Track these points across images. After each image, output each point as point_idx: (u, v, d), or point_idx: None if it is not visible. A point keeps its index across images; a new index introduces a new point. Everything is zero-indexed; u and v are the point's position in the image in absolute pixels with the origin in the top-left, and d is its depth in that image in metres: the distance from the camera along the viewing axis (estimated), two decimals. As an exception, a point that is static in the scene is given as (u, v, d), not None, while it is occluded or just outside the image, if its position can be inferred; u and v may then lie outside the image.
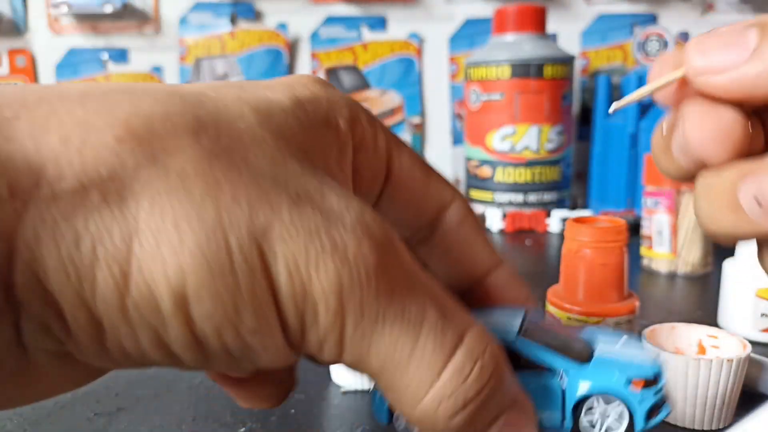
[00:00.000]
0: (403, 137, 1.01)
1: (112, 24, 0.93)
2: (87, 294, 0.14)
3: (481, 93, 0.80)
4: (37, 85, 0.16)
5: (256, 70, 0.94)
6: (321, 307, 0.15)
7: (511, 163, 0.80)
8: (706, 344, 0.37)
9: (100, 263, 0.14)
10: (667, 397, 0.21)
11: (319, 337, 0.16)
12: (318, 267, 0.15)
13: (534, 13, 0.78)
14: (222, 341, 0.15)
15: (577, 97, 0.93)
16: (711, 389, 0.33)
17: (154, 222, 0.14)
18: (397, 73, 0.95)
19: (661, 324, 0.38)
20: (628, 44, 0.93)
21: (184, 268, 0.14)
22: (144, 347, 0.15)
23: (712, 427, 0.34)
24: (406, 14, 0.94)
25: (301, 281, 0.15)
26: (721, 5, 0.92)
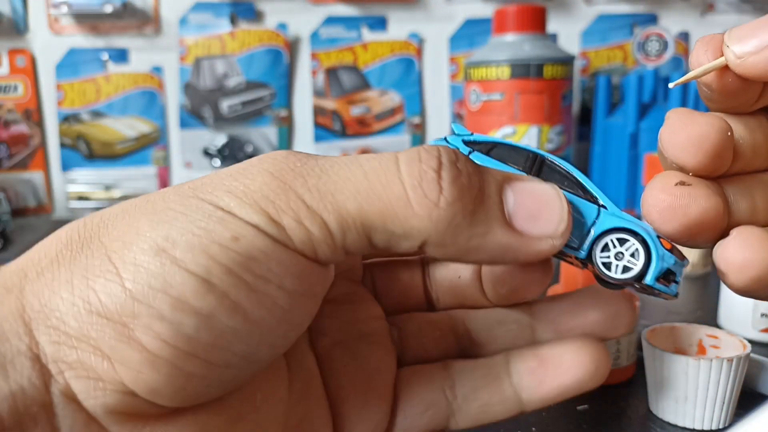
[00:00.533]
0: (403, 137, 1.01)
1: (112, 24, 0.93)
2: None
3: (481, 93, 0.80)
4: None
5: (256, 70, 0.94)
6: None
7: (511, 163, 0.80)
8: (706, 344, 0.37)
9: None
10: (675, 280, 0.21)
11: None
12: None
13: (534, 13, 0.78)
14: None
15: (577, 97, 0.93)
16: (711, 389, 0.33)
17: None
18: (397, 73, 0.95)
19: (661, 324, 0.38)
20: (628, 44, 0.93)
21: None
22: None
23: (712, 427, 0.34)
24: (406, 14, 0.94)
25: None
26: (721, 5, 0.92)
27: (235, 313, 0.18)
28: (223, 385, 0.20)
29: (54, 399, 0.17)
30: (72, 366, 0.17)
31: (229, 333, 0.18)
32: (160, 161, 0.96)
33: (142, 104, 0.95)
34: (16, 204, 0.95)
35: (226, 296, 0.18)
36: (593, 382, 0.24)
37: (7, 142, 0.94)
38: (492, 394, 0.25)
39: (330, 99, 0.95)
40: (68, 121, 0.95)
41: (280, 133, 0.96)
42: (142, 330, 0.17)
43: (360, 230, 0.19)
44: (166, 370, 0.18)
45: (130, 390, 0.18)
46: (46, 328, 0.18)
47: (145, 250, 0.18)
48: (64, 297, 0.18)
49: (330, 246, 0.19)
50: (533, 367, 0.25)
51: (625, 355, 0.39)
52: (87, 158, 0.95)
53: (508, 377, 0.25)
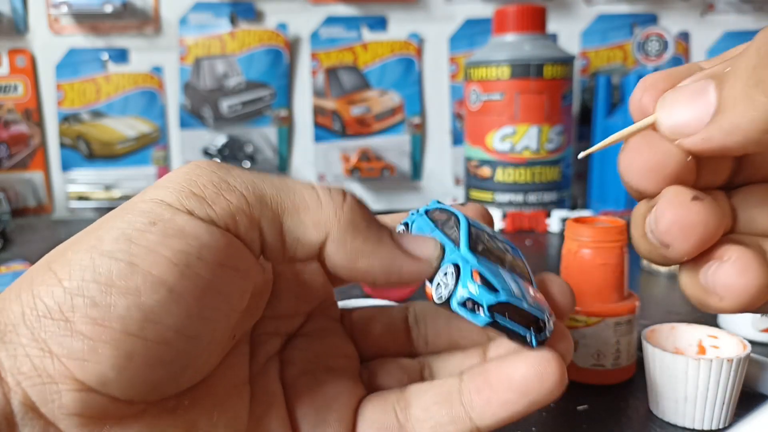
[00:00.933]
0: (403, 137, 1.01)
1: (112, 24, 0.93)
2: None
3: (481, 93, 0.80)
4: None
5: (256, 70, 0.94)
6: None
7: (511, 163, 0.80)
8: (706, 344, 0.37)
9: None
10: (484, 312, 0.23)
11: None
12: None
13: (534, 13, 0.78)
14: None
15: (577, 97, 0.93)
16: (711, 389, 0.33)
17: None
18: (397, 73, 0.95)
19: (661, 324, 0.38)
20: (628, 44, 0.93)
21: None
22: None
23: (712, 427, 0.34)
24: (406, 14, 0.94)
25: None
26: (721, 5, 0.92)
27: (160, 287, 0.20)
28: (169, 369, 0.21)
29: (14, 410, 0.19)
30: (27, 375, 0.19)
31: (157, 307, 0.20)
32: (160, 161, 0.96)
33: (142, 104, 0.95)
34: (16, 204, 0.95)
35: (149, 273, 0.20)
36: (545, 397, 0.23)
37: (7, 142, 0.94)
38: (443, 413, 0.25)
39: (330, 99, 0.95)
40: (68, 121, 0.95)
41: (280, 133, 0.96)
42: (81, 320, 0.19)
43: (275, 212, 0.22)
44: (108, 352, 0.19)
45: (83, 384, 0.19)
46: (3, 344, 0.19)
47: (78, 251, 0.20)
48: (15, 310, 0.20)
49: (248, 217, 0.22)
50: (480, 384, 0.25)
51: (625, 355, 0.39)
52: (87, 158, 0.96)
53: (459, 396, 0.25)
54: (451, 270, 0.24)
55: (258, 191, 0.22)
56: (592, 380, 0.39)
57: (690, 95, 0.19)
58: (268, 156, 0.96)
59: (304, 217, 0.22)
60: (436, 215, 0.28)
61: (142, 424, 0.21)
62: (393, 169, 0.96)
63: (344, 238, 0.23)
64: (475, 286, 0.23)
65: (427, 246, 0.24)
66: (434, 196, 0.98)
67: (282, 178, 0.23)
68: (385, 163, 0.95)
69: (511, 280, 0.24)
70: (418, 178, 0.98)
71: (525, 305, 0.24)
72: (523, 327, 0.24)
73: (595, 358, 0.38)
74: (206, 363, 0.23)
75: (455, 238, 0.25)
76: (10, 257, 0.70)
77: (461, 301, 0.23)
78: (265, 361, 0.27)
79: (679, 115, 0.19)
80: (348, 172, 0.95)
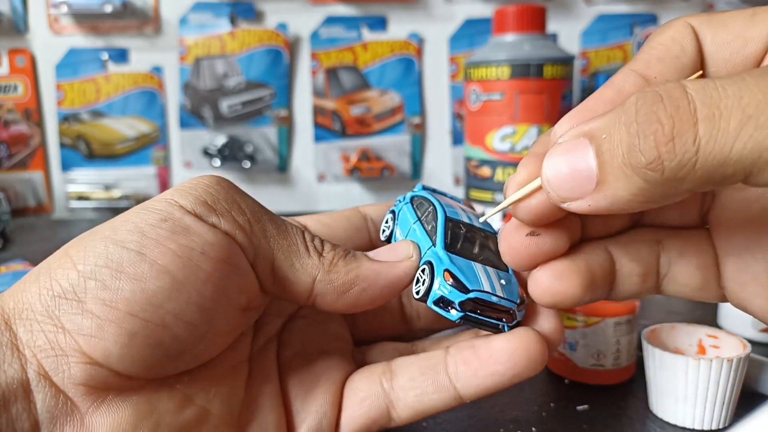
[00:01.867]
0: (403, 137, 1.01)
1: (112, 24, 0.93)
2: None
3: (481, 93, 0.80)
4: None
5: (256, 70, 0.94)
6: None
7: (511, 163, 0.80)
8: (706, 344, 0.37)
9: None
10: (456, 308, 0.25)
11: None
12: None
13: (534, 13, 0.78)
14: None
15: (577, 97, 0.93)
16: (711, 389, 0.33)
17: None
18: (397, 73, 0.95)
19: (661, 324, 0.38)
20: (628, 44, 0.93)
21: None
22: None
23: (712, 427, 0.34)
24: (406, 14, 0.94)
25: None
26: (721, 5, 0.92)
27: (164, 275, 0.22)
28: (168, 350, 0.23)
29: (30, 378, 0.21)
30: (42, 348, 0.21)
31: (159, 292, 0.22)
32: (160, 161, 0.96)
33: (142, 104, 0.95)
34: (16, 204, 0.95)
35: (156, 262, 0.22)
36: (529, 371, 0.26)
37: (7, 142, 0.94)
38: (428, 383, 0.27)
39: (330, 99, 0.95)
40: (68, 121, 0.95)
41: (280, 133, 0.96)
42: (92, 300, 0.21)
43: (271, 247, 0.25)
44: (112, 330, 0.21)
45: (89, 358, 0.21)
46: (21, 320, 0.22)
47: (95, 240, 0.23)
48: (32, 291, 0.22)
49: (247, 238, 0.24)
50: (468, 356, 0.26)
51: (625, 355, 0.39)
52: (87, 158, 0.96)
53: (444, 367, 0.27)
54: (427, 269, 0.26)
55: (262, 223, 0.25)
56: (592, 380, 0.39)
57: (571, 163, 0.21)
58: (268, 156, 0.96)
59: (294, 260, 0.25)
60: (419, 206, 0.30)
61: (141, 396, 0.23)
62: (393, 169, 0.96)
63: (330, 279, 0.25)
64: (447, 287, 0.25)
65: (403, 248, 0.27)
66: (434, 196, 0.98)
67: (284, 223, 0.26)
68: (385, 163, 0.95)
69: (483, 273, 0.26)
70: (418, 178, 0.98)
71: (494, 299, 0.26)
72: (494, 319, 0.26)
73: (595, 358, 0.38)
74: (204, 352, 0.24)
75: (432, 231, 0.27)
76: (10, 257, 0.70)
77: (434, 300, 0.26)
78: (265, 342, 0.29)
79: (563, 184, 0.21)
80: (348, 172, 0.95)
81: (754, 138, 0.17)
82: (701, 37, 0.24)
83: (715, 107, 0.18)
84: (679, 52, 0.23)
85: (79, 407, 0.22)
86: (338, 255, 0.26)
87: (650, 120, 0.18)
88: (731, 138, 0.17)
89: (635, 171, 0.19)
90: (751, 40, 0.23)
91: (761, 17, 0.22)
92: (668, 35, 0.24)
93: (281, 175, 0.98)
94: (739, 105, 0.17)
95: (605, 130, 0.20)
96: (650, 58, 0.24)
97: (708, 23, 0.24)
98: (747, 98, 0.17)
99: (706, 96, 0.18)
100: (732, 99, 0.18)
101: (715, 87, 0.18)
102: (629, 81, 0.24)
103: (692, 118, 0.18)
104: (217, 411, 0.25)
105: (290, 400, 0.28)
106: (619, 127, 0.19)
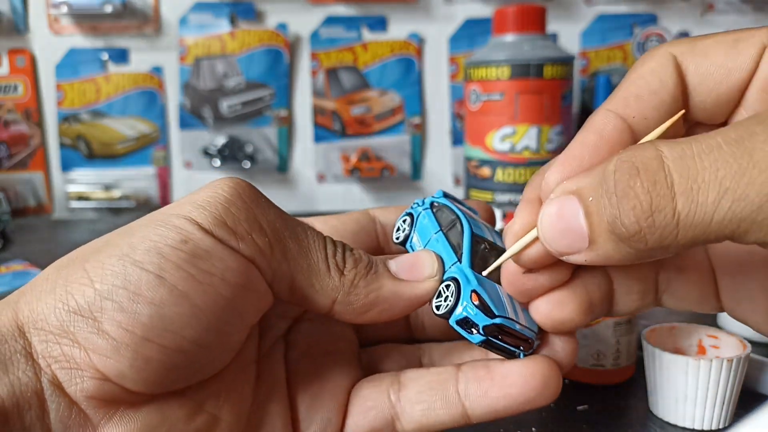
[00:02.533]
0: (403, 137, 1.01)
1: (112, 24, 0.93)
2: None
3: (480, 93, 0.80)
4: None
5: (256, 70, 0.94)
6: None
7: (511, 163, 0.80)
8: (706, 344, 0.37)
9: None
10: (480, 332, 0.25)
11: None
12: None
13: (534, 13, 0.78)
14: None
15: (577, 97, 0.93)
16: (711, 389, 0.33)
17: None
18: (397, 73, 0.95)
19: (661, 324, 0.38)
20: (628, 44, 0.93)
21: None
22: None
23: (712, 427, 0.34)
24: (406, 14, 0.94)
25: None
26: (721, 5, 0.92)
27: (183, 301, 0.22)
28: (182, 372, 0.22)
29: (44, 387, 0.21)
30: (57, 359, 0.21)
31: (178, 319, 0.22)
32: (160, 161, 0.96)
33: (142, 104, 0.95)
34: (16, 204, 0.95)
35: (175, 288, 0.22)
36: (541, 399, 0.25)
37: (7, 142, 0.94)
38: (436, 398, 0.26)
39: (330, 99, 0.95)
40: (68, 121, 0.95)
41: (280, 133, 0.96)
42: (108, 321, 0.21)
43: (291, 268, 0.24)
44: (128, 354, 0.21)
45: (103, 375, 0.21)
46: (36, 330, 0.21)
47: (112, 256, 0.22)
48: (48, 302, 0.22)
49: (267, 261, 0.24)
50: (481, 375, 0.26)
51: (625, 355, 0.39)
52: (87, 158, 0.96)
53: (455, 384, 0.26)
54: (452, 286, 0.25)
55: (282, 243, 0.24)
56: (592, 380, 0.39)
57: (565, 223, 0.21)
58: (268, 156, 0.96)
59: (314, 281, 0.25)
60: (441, 214, 0.28)
61: (152, 406, 0.23)
62: (393, 169, 0.96)
63: (349, 299, 0.25)
64: (473, 308, 0.25)
65: (425, 265, 0.27)
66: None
67: (306, 238, 0.25)
68: (385, 163, 0.95)
69: (506, 298, 0.26)
70: (418, 178, 0.98)
71: (517, 327, 0.25)
72: (513, 345, 0.25)
73: (595, 358, 0.38)
74: (216, 365, 0.24)
75: (457, 244, 0.27)
76: (10, 257, 0.70)
77: (458, 320, 0.25)
78: (272, 344, 0.28)
79: (559, 241, 0.22)
80: (348, 172, 0.95)
81: (733, 210, 0.18)
82: (684, 68, 0.24)
83: (692, 181, 0.18)
84: (658, 86, 0.23)
85: (92, 419, 0.22)
86: (360, 274, 0.25)
87: (628, 195, 0.19)
88: (710, 210, 0.18)
89: (621, 240, 0.20)
90: (735, 70, 0.23)
91: (743, 45, 0.22)
92: (648, 68, 0.24)
93: (281, 176, 0.98)
94: (716, 178, 0.18)
95: (591, 193, 0.21)
96: (629, 96, 0.24)
97: (690, 53, 0.23)
98: (723, 170, 0.18)
99: (683, 168, 0.18)
100: (709, 171, 0.18)
101: (692, 157, 0.18)
102: (609, 124, 0.23)
103: (670, 192, 0.19)
104: (227, 417, 0.25)
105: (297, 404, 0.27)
106: (601, 194, 0.20)
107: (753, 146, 0.18)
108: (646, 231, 0.19)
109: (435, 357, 0.30)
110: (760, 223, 0.18)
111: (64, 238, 0.84)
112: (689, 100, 0.24)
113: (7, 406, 0.20)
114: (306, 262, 0.25)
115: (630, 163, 0.19)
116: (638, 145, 0.20)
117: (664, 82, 0.23)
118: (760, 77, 0.23)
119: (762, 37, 0.22)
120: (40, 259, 0.67)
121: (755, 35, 0.23)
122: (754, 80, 0.23)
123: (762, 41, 0.22)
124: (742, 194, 0.18)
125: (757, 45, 0.22)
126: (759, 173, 0.17)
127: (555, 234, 0.22)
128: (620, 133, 0.23)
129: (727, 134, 0.18)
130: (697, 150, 0.18)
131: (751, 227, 0.18)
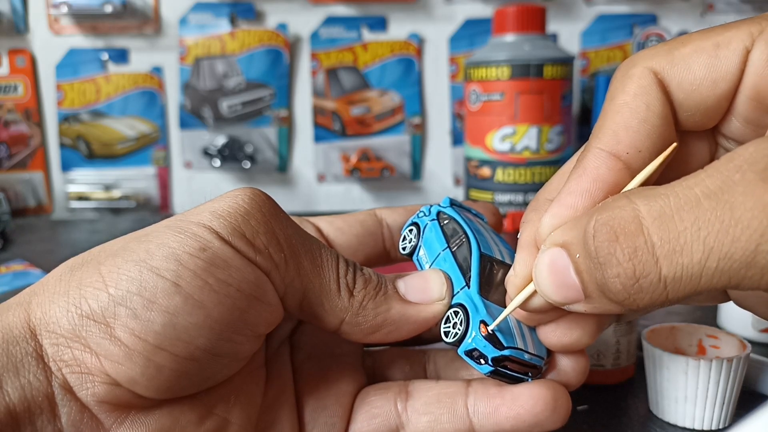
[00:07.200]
0: (403, 137, 1.01)
1: (112, 24, 0.93)
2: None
3: (480, 93, 0.80)
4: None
5: (256, 70, 0.94)
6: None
7: (511, 163, 0.80)
8: (706, 344, 0.37)
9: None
10: (488, 363, 0.24)
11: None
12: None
13: (534, 14, 0.78)
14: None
15: (577, 97, 0.93)
16: (711, 389, 0.33)
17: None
18: (397, 73, 0.95)
19: (661, 324, 0.38)
20: (628, 44, 0.93)
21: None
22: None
23: (712, 427, 0.34)
24: (406, 14, 0.94)
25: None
26: (721, 5, 0.92)
27: (198, 311, 0.21)
28: (193, 379, 0.22)
29: (55, 391, 0.21)
30: (68, 363, 0.21)
31: (191, 328, 0.21)
32: (160, 161, 0.96)
33: (142, 104, 0.95)
34: (16, 204, 0.95)
35: (191, 296, 0.21)
36: (550, 423, 0.25)
37: (7, 142, 0.94)
38: (443, 410, 0.26)
39: (330, 99, 0.95)
40: (68, 121, 0.95)
41: (280, 133, 0.96)
42: (121, 328, 0.21)
43: (303, 286, 0.24)
44: (141, 362, 0.21)
45: (114, 380, 0.21)
46: (47, 333, 0.21)
47: (128, 261, 0.22)
48: (61, 305, 0.21)
49: (281, 276, 0.23)
50: (492, 393, 0.26)
51: (625, 355, 0.39)
52: (87, 158, 0.96)
53: (464, 399, 0.26)
54: (461, 314, 0.25)
55: (297, 259, 0.24)
56: (592, 380, 0.39)
57: (558, 279, 0.21)
58: (268, 156, 0.96)
59: (324, 300, 0.25)
60: (448, 228, 0.28)
61: (164, 410, 0.23)
62: (393, 169, 0.96)
63: (357, 320, 0.25)
64: (482, 341, 0.24)
65: (434, 288, 0.26)
66: (434, 196, 0.98)
67: (320, 255, 0.25)
68: (385, 163, 0.95)
69: (515, 324, 0.26)
70: (418, 178, 0.98)
71: (526, 357, 0.25)
72: (521, 373, 0.25)
73: (595, 358, 0.38)
74: (227, 373, 0.24)
75: (466, 265, 0.26)
76: (10, 257, 0.70)
77: (466, 350, 0.25)
78: (278, 345, 0.28)
79: (557, 294, 0.21)
80: (348, 173, 0.95)
81: (720, 268, 0.17)
82: (667, 84, 0.23)
83: (674, 242, 0.18)
84: (645, 112, 0.22)
85: (104, 423, 0.22)
86: (369, 296, 0.25)
87: (611, 262, 0.19)
88: (697, 270, 0.18)
89: (613, 301, 0.20)
90: (720, 80, 0.22)
91: (725, 53, 0.22)
92: (631, 92, 0.23)
93: (281, 176, 0.98)
94: (698, 237, 0.17)
95: (577, 249, 0.20)
96: (617, 129, 0.23)
97: (670, 67, 0.23)
98: (705, 229, 0.17)
99: (663, 230, 0.18)
100: (690, 231, 0.17)
101: (671, 216, 0.18)
102: (603, 166, 0.23)
103: (652, 257, 0.18)
104: (237, 420, 0.25)
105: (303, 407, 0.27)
106: (586, 254, 0.20)
107: (733, 200, 0.17)
108: (635, 297, 0.19)
109: (440, 365, 0.30)
110: (751, 277, 0.17)
111: (64, 239, 0.84)
112: (677, 114, 0.23)
113: (18, 410, 0.20)
114: (318, 280, 0.24)
115: (608, 227, 0.19)
116: (615, 202, 0.19)
117: (650, 106, 0.22)
118: (747, 85, 0.22)
119: (743, 40, 0.22)
120: (40, 259, 0.67)
121: (735, 37, 0.22)
122: (741, 88, 0.22)
123: (744, 45, 0.21)
124: (727, 253, 0.17)
125: (739, 51, 0.22)
126: (742, 231, 0.17)
127: (551, 288, 0.21)
128: (615, 173, 0.22)
129: (706, 185, 0.18)
130: (675, 206, 0.18)
131: (742, 281, 0.17)
